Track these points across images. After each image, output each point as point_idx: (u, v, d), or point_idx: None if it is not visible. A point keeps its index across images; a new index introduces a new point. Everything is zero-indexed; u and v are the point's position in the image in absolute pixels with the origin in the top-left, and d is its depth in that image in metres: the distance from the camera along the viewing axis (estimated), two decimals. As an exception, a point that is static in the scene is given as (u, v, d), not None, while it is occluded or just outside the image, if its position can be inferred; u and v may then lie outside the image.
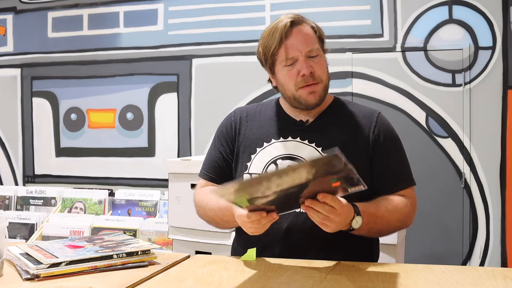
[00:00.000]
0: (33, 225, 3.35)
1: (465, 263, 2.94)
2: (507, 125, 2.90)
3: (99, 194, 3.40)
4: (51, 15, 3.75)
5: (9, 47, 3.85)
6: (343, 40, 3.13)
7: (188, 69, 3.45)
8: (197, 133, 3.44)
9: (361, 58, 3.11)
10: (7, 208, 3.58)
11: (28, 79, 3.81)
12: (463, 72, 2.95)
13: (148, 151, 3.55)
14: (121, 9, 3.59)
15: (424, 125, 3.01)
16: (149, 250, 1.28)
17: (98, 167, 3.65)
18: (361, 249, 1.43)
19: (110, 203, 3.39)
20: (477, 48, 2.94)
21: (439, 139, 2.99)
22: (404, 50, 3.04)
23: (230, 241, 2.32)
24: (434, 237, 2.97)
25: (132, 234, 3.05)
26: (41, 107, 3.78)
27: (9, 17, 3.84)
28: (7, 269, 1.21)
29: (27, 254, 1.24)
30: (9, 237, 1.21)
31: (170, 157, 3.28)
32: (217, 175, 1.53)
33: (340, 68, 3.11)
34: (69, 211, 3.39)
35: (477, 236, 2.95)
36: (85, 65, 3.67)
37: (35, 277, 1.13)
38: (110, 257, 1.22)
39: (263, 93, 3.24)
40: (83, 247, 1.27)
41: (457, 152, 2.97)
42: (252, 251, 1.34)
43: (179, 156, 3.46)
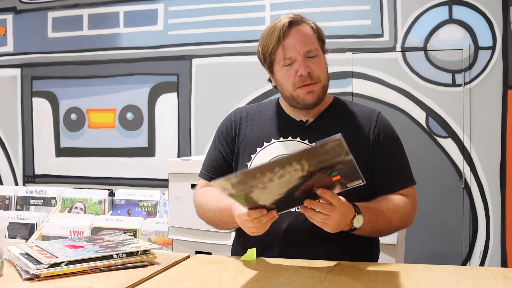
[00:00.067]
0: (33, 225, 3.35)
1: (465, 263, 2.94)
2: (507, 125, 2.90)
3: (99, 194, 3.40)
4: (51, 15, 3.75)
5: (9, 47, 3.85)
6: (343, 40, 3.13)
7: (188, 69, 3.45)
8: (197, 133, 3.44)
9: (361, 58, 3.11)
10: (7, 208, 3.58)
11: (28, 79, 3.81)
12: (463, 72, 2.95)
13: (148, 151, 3.55)
14: (121, 9, 3.59)
15: (424, 125, 3.01)
16: (149, 250, 1.28)
17: (98, 167, 3.65)
18: (361, 249, 1.43)
19: (110, 203, 3.39)
20: (477, 48, 2.94)
21: (439, 139, 2.99)
22: (404, 50, 3.04)
23: (230, 241, 2.32)
24: (434, 237, 2.97)
25: (132, 234, 3.05)
26: (41, 107, 3.78)
27: (9, 17, 3.84)
28: (7, 269, 1.21)
29: (27, 254, 1.24)
30: (9, 237, 1.21)
31: (170, 157, 3.28)
32: (217, 175, 1.52)
33: (340, 68, 3.11)
34: (69, 211, 3.39)
35: (477, 236, 2.95)
36: (85, 65, 3.67)
37: (35, 277, 1.13)
38: (110, 257, 1.22)
39: (263, 93, 3.24)
40: (83, 247, 1.27)
41: (457, 152, 2.97)
42: (252, 251, 1.34)
43: (179, 156, 3.46)
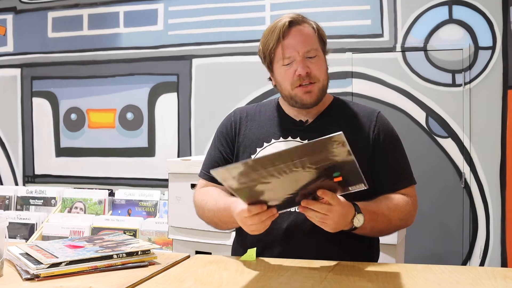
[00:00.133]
0: (33, 225, 3.35)
1: (465, 263, 2.94)
2: (507, 125, 2.90)
3: (99, 194, 3.40)
4: (51, 15, 3.75)
5: (9, 47, 3.85)
6: (343, 40, 3.13)
7: (188, 69, 3.45)
8: (197, 133, 3.44)
9: (361, 58, 3.11)
10: (7, 208, 3.58)
11: (28, 79, 3.81)
12: (463, 72, 2.95)
13: (148, 151, 3.55)
14: (121, 9, 3.59)
15: (424, 125, 3.01)
16: (149, 250, 1.28)
17: (98, 167, 3.65)
18: (361, 249, 1.43)
19: (110, 203, 3.39)
20: (477, 48, 2.94)
21: (439, 139, 2.99)
22: (404, 50, 3.04)
23: (230, 241, 2.32)
24: (434, 237, 2.97)
25: (132, 234, 3.05)
26: (41, 107, 3.78)
27: (9, 17, 3.84)
28: (7, 269, 1.21)
29: (27, 254, 1.24)
30: (9, 237, 1.21)
31: (170, 157, 3.28)
32: (217, 175, 1.53)
33: (340, 68, 3.11)
34: (69, 211, 3.39)
35: (477, 236, 2.95)
36: (85, 65, 3.67)
37: (35, 277, 1.13)
38: (110, 257, 1.22)
39: (263, 93, 3.24)
40: (83, 247, 1.27)
41: (457, 152, 2.97)
42: (252, 251, 1.34)
43: (179, 156, 3.45)
